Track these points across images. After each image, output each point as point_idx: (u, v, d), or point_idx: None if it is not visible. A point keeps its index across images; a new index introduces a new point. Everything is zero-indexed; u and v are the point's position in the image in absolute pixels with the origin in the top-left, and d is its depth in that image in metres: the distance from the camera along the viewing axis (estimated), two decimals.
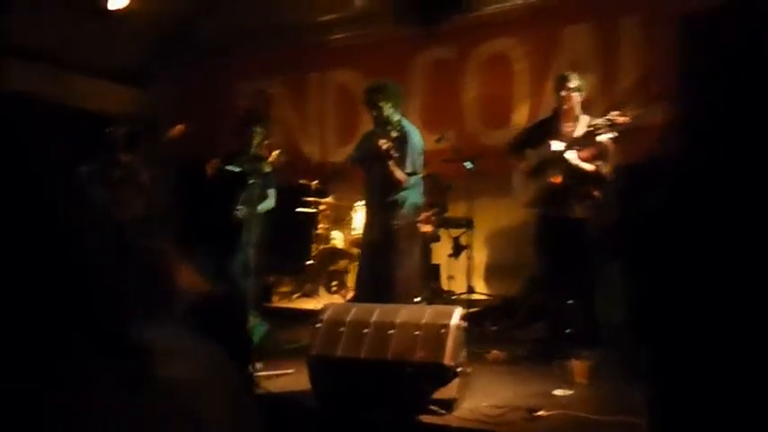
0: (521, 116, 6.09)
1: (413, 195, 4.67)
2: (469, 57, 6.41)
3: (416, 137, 4.64)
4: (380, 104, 4.56)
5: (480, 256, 6.13)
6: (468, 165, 5.07)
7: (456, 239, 5.95)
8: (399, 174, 4.49)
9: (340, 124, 6.98)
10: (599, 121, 4.24)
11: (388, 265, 4.54)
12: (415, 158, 4.59)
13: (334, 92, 7.09)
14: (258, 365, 4.03)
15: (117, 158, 5.44)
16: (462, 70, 6.45)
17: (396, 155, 4.43)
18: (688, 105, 2.32)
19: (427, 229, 5.94)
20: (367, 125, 4.95)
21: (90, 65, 7.02)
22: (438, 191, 6.05)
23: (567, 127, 4.42)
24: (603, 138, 4.21)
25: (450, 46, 6.47)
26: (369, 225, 4.88)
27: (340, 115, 6.98)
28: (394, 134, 4.53)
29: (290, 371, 4.04)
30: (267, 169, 5.14)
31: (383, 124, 4.59)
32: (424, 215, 5.94)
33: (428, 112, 6.55)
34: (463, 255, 5.57)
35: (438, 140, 5.50)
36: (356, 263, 5.50)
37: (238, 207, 4.77)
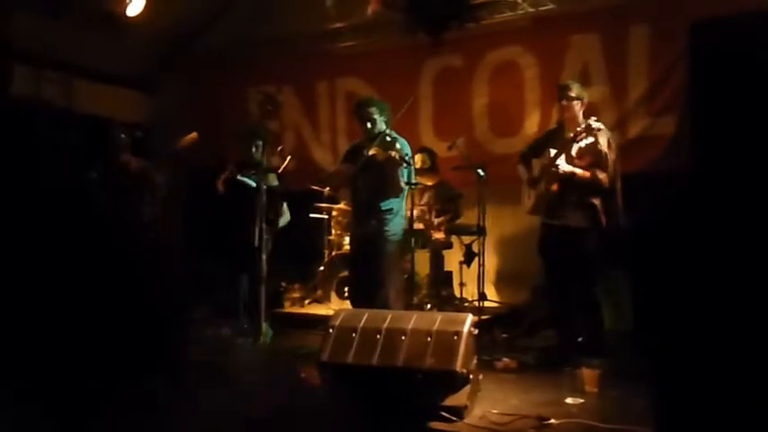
0: (531, 124, 6.12)
1: (402, 207, 4.82)
2: (479, 64, 6.44)
3: (408, 150, 4.75)
4: (374, 117, 4.73)
5: (491, 263, 6.16)
6: (481, 172, 5.11)
7: (468, 246, 5.98)
8: (402, 182, 4.64)
9: (350, 131, 7.02)
10: (581, 126, 4.24)
11: (376, 275, 4.67)
12: (410, 170, 4.74)
13: (343, 100, 7.13)
14: None
15: (126, 163, 5.49)
16: (472, 78, 6.47)
17: (408, 161, 4.59)
18: (697, 115, 2.35)
19: (439, 235, 5.99)
20: None
21: (97, 71, 7.10)
22: (449, 198, 6.10)
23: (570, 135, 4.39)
24: (587, 143, 4.20)
25: (460, 54, 6.50)
26: (357, 234, 4.99)
27: (349, 123, 7.03)
28: (388, 139, 4.64)
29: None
30: (274, 183, 5.21)
31: (377, 137, 4.69)
32: (435, 221, 6.00)
33: (438, 120, 6.60)
34: (475, 262, 5.59)
35: (449, 148, 5.54)
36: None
37: (266, 220, 4.82)
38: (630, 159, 5.57)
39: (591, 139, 4.21)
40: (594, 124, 4.32)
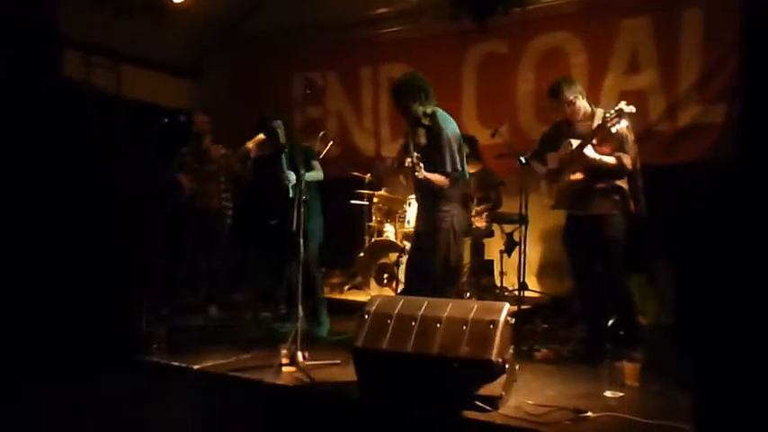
0: None
1: (455, 191, 4.40)
2: (524, 50, 6.32)
3: (451, 128, 4.35)
4: (406, 104, 4.34)
5: (533, 253, 6.06)
6: (523, 160, 4.99)
7: (509, 235, 5.89)
8: (438, 178, 4.24)
9: (393, 118, 6.99)
10: (611, 112, 4.08)
11: (425, 259, 4.39)
12: (453, 154, 4.29)
13: (386, 86, 7.09)
14: (306, 355, 4.09)
15: (206, 149, 5.74)
16: (516, 64, 6.36)
17: (420, 170, 4.16)
18: (749, 105, 2.24)
19: (480, 224, 5.92)
20: None
21: (144, 57, 7.21)
22: (491, 186, 6.02)
23: (582, 126, 4.28)
24: (618, 128, 4.07)
25: (505, 40, 6.40)
26: (417, 217, 4.73)
27: (392, 109, 6.99)
28: (426, 124, 4.29)
29: (336, 361, 4.08)
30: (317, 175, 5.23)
31: (415, 120, 4.35)
32: (476, 209, 5.92)
33: (482, 107, 6.52)
34: (516, 251, 5.51)
35: (492, 135, 5.45)
36: (407, 256, 5.49)
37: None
38: (681, 149, 5.40)
39: (621, 125, 4.10)
40: (622, 108, 4.21)
